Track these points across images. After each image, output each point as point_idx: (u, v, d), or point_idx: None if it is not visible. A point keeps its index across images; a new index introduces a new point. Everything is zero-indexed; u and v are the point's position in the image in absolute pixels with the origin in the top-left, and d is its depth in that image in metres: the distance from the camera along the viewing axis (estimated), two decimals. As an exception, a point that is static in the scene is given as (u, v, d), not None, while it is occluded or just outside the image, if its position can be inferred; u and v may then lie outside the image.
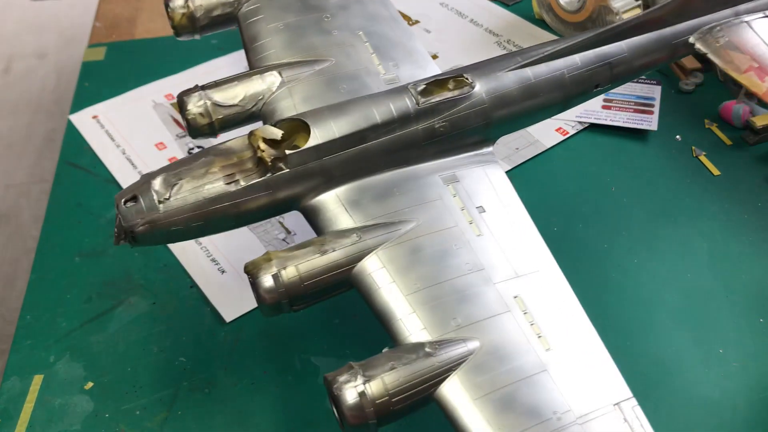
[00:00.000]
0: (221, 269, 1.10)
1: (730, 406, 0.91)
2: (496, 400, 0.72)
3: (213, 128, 0.89)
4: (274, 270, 0.77)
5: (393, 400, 0.71)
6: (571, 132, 1.26)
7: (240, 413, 0.94)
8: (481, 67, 0.91)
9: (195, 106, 0.88)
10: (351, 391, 0.71)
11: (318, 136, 0.82)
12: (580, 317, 0.79)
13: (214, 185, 0.80)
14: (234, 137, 0.85)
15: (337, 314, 1.03)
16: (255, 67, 0.95)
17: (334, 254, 0.79)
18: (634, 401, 0.74)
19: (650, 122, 1.24)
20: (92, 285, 1.09)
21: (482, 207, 0.85)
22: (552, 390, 0.73)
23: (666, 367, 0.95)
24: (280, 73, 0.92)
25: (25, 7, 3.13)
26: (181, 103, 0.89)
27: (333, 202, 0.84)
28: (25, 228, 2.33)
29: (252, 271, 0.78)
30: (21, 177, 2.49)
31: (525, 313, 0.78)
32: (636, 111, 1.26)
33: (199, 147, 1.29)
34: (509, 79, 0.91)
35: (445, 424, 0.73)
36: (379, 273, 0.79)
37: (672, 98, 1.31)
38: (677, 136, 1.24)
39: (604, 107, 1.28)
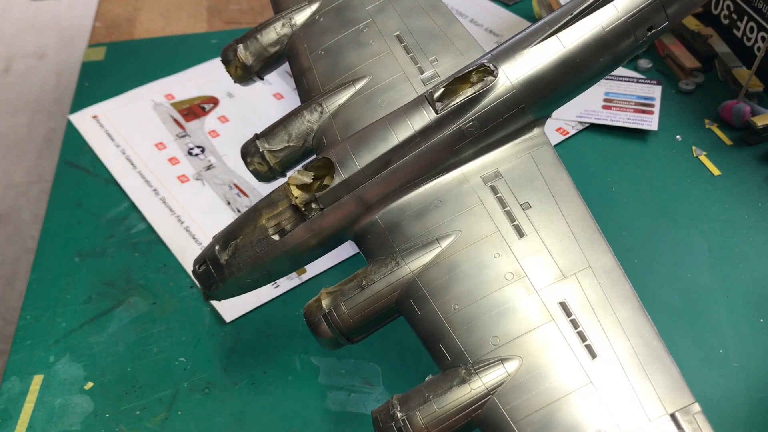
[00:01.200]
0: (221, 269, 1.10)
1: (730, 406, 0.91)
2: (536, 422, 0.69)
3: (275, 172, 0.91)
4: (325, 311, 0.79)
5: (430, 428, 0.71)
6: (572, 132, 1.26)
7: (240, 413, 0.94)
8: (505, 49, 0.85)
9: (253, 157, 0.91)
10: (391, 428, 0.72)
11: (341, 171, 0.82)
12: (634, 314, 0.73)
13: (264, 238, 0.83)
14: (278, 185, 0.87)
15: (337, 314, 1.03)
16: (303, 99, 0.95)
17: (375, 286, 0.78)
18: (696, 407, 0.69)
19: (650, 122, 1.24)
20: (92, 285, 1.09)
21: (527, 203, 0.80)
22: (595, 405, 0.69)
23: (666, 367, 0.95)
24: (320, 104, 0.90)
25: (25, 7, 3.13)
26: (242, 157, 0.92)
27: (375, 228, 0.82)
28: (24, 228, 2.33)
29: (307, 314, 0.80)
30: (21, 177, 2.50)
31: (571, 320, 0.73)
32: (636, 111, 1.26)
33: (198, 147, 1.29)
34: (536, 54, 0.83)
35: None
36: (418, 298, 0.77)
37: (672, 98, 1.30)
38: (677, 136, 1.24)
39: (604, 107, 1.28)
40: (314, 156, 0.89)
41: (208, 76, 1.43)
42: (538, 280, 0.75)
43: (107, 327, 1.04)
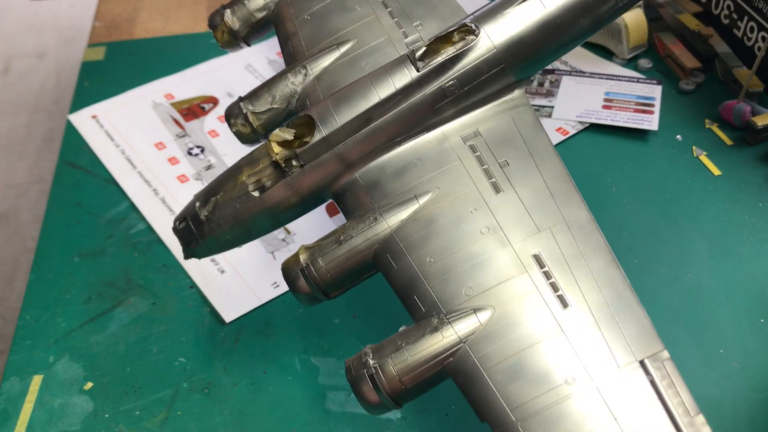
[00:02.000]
0: (221, 269, 1.10)
1: (730, 406, 0.91)
2: (506, 369, 0.70)
3: (258, 134, 0.91)
4: (302, 265, 0.80)
5: (403, 378, 0.72)
6: (572, 132, 1.26)
7: (240, 413, 0.94)
8: (487, 11, 0.86)
9: (236, 119, 0.91)
10: (363, 375, 0.73)
11: (322, 128, 0.82)
12: (606, 266, 0.74)
13: (244, 194, 0.84)
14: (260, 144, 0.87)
15: (337, 314, 1.03)
16: (288, 62, 0.96)
17: (353, 241, 0.79)
18: (665, 354, 0.69)
19: (651, 122, 1.24)
20: (92, 285, 1.09)
21: (506, 161, 0.81)
22: (565, 352, 0.70)
23: (666, 367, 0.95)
24: (305, 67, 0.91)
25: (25, 7, 3.13)
26: (226, 119, 0.92)
27: (355, 186, 0.83)
28: (24, 228, 2.33)
29: (285, 269, 0.81)
30: (20, 177, 2.49)
31: (544, 272, 0.74)
32: (636, 111, 1.26)
33: (198, 147, 1.29)
34: (518, 15, 0.84)
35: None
36: (395, 252, 0.78)
37: (672, 98, 1.30)
38: (678, 136, 1.24)
39: (604, 107, 1.27)
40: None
41: (207, 76, 1.43)
42: (512, 234, 0.77)
43: (107, 327, 1.04)
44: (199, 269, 1.10)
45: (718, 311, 1.00)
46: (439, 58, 0.82)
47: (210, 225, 0.85)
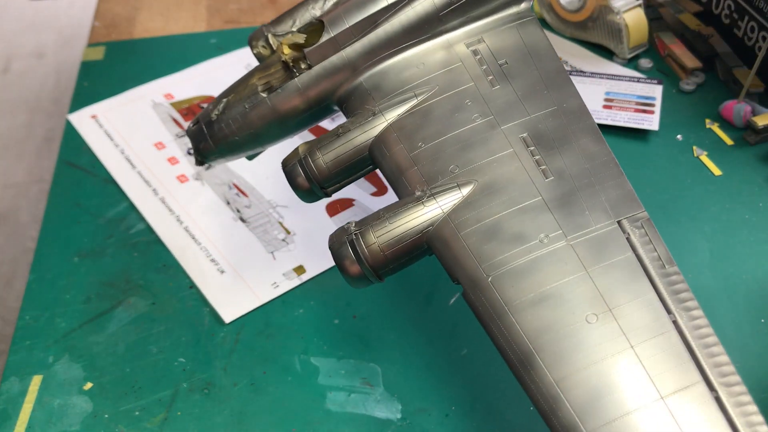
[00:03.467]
0: (220, 269, 1.10)
1: (731, 406, 0.91)
2: (482, 231, 0.72)
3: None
4: (300, 157, 0.82)
5: (384, 248, 0.74)
6: (572, 132, 1.26)
7: (240, 414, 0.94)
8: None
9: (257, 41, 0.93)
10: (344, 244, 0.75)
11: (330, 29, 0.85)
12: (593, 143, 0.77)
13: (253, 95, 0.87)
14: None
15: (337, 314, 1.03)
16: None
17: (350, 134, 0.81)
18: (645, 215, 0.72)
19: (651, 122, 1.24)
20: (91, 285, 1.09)
21: (506, 62, 0.84)
22: (542, 215, 0.72)
23: (667, 367, 0.95)
24: None
25: (24, 7, 3.13)
26: (249, 42, 0.94)
27: (359, 89, 0.85)
28: (23, 228, 2.33)
29: (284, 163, 0.84)
30: (20, 177, 2.49)
31: (530, 150, 0.76)
32: (637, 111, 1.26)
33: (198, 147, 1.29)
34: None
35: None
36: (389, 142, 0.80)
37: (673, 98, 1.30)
38: (678, 136, 1.24)
39: (604, 107, 1.27)
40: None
41: (207, 76, 1.43)
42: (503, 119, 0.79)
43: (106, 327, 1.04)
44: (199, 269, 1.10)
45: (718, 311, 1.00)
46: None
47: (220, 125, 0.88)
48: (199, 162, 0.93)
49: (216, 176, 1.24)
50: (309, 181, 0.82)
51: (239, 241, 1.13)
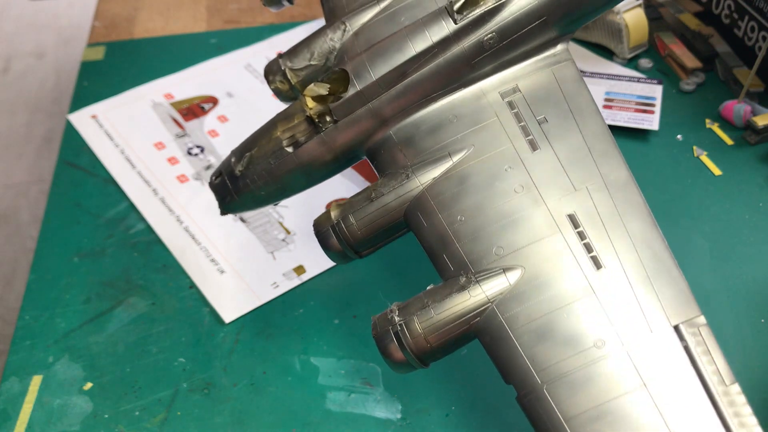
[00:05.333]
0: (220, 269, 1.10)
1: (731, 406, 0.91)
2: (534, 330, 0.68)
3: (296, 90, 0.90)
4: (333, 222, 0.79)
5: (429, 337, 0.71)
6: (572, 132, 1.25)
7: (239, 414, 0.94)
8: None
9: (275, 75, 0.90)
10: (388, 333, 0.72)
11: (356, 82, 0.81)
12: (644, 226, 0.72)
13: (278, 150, 0.83)
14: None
15: (337, 314, 1.03)
16: (328, 19, 0.94)
17: (384, 198, 0.78)
18: (702, 320, 0.67)
19: (651, 122, 1.24)
20: (91, 285, 1.09)
21: (544, 118, 0.78)
22: (597, 315, 0.68)
23: (667, 367, 0.95)
24: (344, 22, 0.88)
25: (24, 7, 3.13)
26: (265, 75, 0.91)
27: (388, 142, 0.81)
28: (23, 228, 2.33)
29: (316, 226, 0.81)
30: (20, 177, 2.49)
31: (578, 232, 0.71)
32: (637, 111, 1.26)
33: (198, 147, 1.29)
34: None
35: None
36: (426, 210, 0.76)
37: (673, 98, 1.30)
38: (678, 136, 1.24)
39: (605, 107, 1.27)
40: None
41: (207, 76, 1.43)
42: (547, 193, 0.74)
43: (106, 327, 1.04)
44: (199, 269, 1.10)
45: (718, 311, 1.00)
46: (478, 10, 0.79)
47: (245, 180, 0.85)
48: (224, 213, 0.91)
49: (216, 176, 1.24)
50: (343, 246, 0.79)
51: (239, 241, 1.13)
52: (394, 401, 0.93)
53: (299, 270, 1.09)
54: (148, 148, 1.29)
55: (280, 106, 1.35)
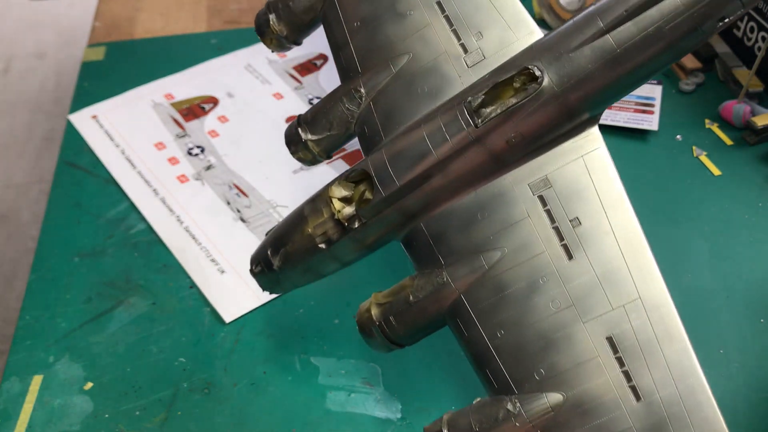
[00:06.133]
0: (221, 269, 1.10)
1: (730, 406, 0.91)
2: None
3: (318, 158, 0.91)
4: (376, 323, 0.80)
5: None
6: (572, 132, 1.26)
7: (240, 414, 0.94)
8: (550, 47, 0.77)
9: (297, 146, 0.90)
10: None
11: (381, 188, 0.80)
12: (681, 355, 0.71)
13: (312, 247, 0.84)
14: (323, 187, 0.85)
15: (337, 314, 1.03)
16: (342, 75, 0.91)
17: (422, 303, 0.78)
18: None
19: (651, 122, 1.24)
20: (92, 285, 1.09)
21: (577, 219, 0.75)
22: None
23: (666, 367, 0.95)
24: (359, 89, 0.86)
25: (25, 7, 3.13)
26: (287, 145, 0.91)
27: (420, 236, 0.81)
28: (24, 228, 2.33)
29: (360, 323, 0.82)
30: (20, 177, 2.49)
31: (617, 357, 0.71)
32: (636, 111, 1.26)
33: (198, 147, 1.29)
34: (585, 57, 0.75)
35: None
36: (465, 319, 0.76)
37: (672, 98, 1.30)
38: (678, 136, 1.24)
39: (604, 107, 1.27)
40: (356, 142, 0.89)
41: (207, 76, 1.43)
42: (584, 311, 0.73)
43: (107, 327, 1.04)
44: (199, 269, 1.10)
45: (717, 311, 1.00)
46: (499, 111, 0.76)
47: (284, 273, 0.87)
48: (266, 291, 0.93)
49: (216, 176, 1.24)
50: (387, 343, 0.81)
51: (239, 241, 1.14)
52: (394, 401, 0.93)
53: (299, 270, 1.09)
54: (148, 149, 1.29)
55: (281, 107, 1.35)
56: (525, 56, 0.78)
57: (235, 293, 1.06)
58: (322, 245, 0.83)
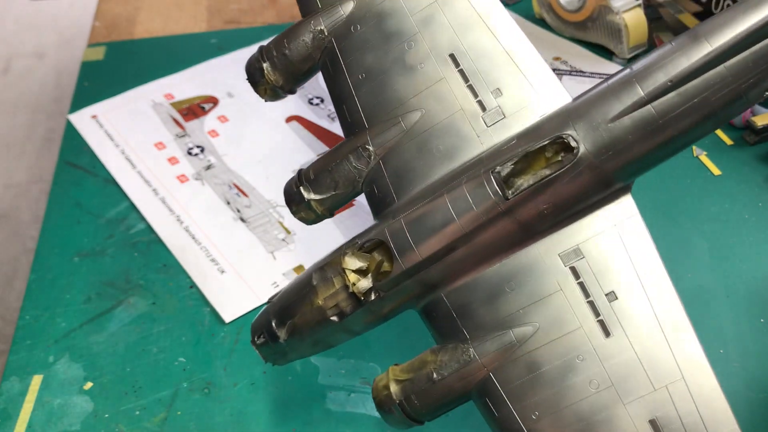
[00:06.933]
0: (221, 269, 1.10)
1: (730, 406, 0.91)
2: None
3: (322, 216, 0.84)
4: (396, 402, 0.74)
5: None
6: (572, 132, 1.25)
7: (240, 413, 0.94)
8: (582, 115, 0.71)
9: (298, 206, 0.84)
10: None
11: (401, 261, 0.73)
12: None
13: (322, 320, 0.78)
14: (330, 253, 0.80)
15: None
16: (346, 129, 0.85)
17: (446, 380, 0.72)
18: None
19: (650, 122, 1.24)
20: (91, 285, 1.09)
21: (613, 293, 0.70)
22: None
23: (667, 367, 0.95)
24: (367, 148, 0.80)
25: (25, 7, 3.13)
26: (287, 204, 0.85)
27: (441, 307, 0.75)
28: (24, 228, 2.33)
29: (378, 402, 0.76)
30: (20, 177, 2.49)
31: None
32: (636, 111, 1.26)
33: (198, 147, 1.29)
34: (625, 127, 0.70)
35: None
36: (495, 398, 0.71)
37: (672, 98, 1.30)
38: (677, 136, 1.24)
39: (604, 107, 1.27)
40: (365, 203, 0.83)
41: (207, 76, 1.43)
42: (625, 392, 0.68)
43: (107, 327, 1.04)
44: (199, 269, 1.10)
45: (717, 311, 1.00)
46: (532, 182, 0.71)
47: (290, 345, 0.80)
48: (268, 362, 0.86)
49: (216, 176, 1.24)
50: (407, 419, 0.75)
51: (239, 241, 1.14)
52: (394, 401, 0.93)
53: (299, 270, 1.09)
54: (148, 148, 1.29)
55: (280, 107, 1.35)
56: (555, 122, 0.73)
57: (235, 293, 1.06)
58: (334, 318, 0.77)
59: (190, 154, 1.28)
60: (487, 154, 0.75)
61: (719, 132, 1.24)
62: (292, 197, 0.83)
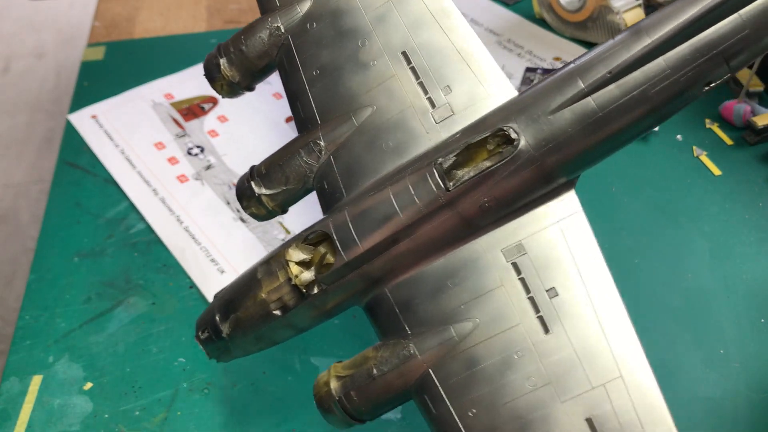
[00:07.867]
0: (220, 269, 1.10)
1: (731, 406, 0.91)
2: None
3: (273, 212, 0.84)
4: (335, 399, 0.74)
5: None
6: (572, 132, 1.25)
7: (239, 414, 0.94)
8: (524, 108, 0.72)
9: (249, 201, 0.83)
10: None
11: (344, 253, 0.73)
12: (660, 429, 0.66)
13: (266, 314, 0.77)
14: (276, 247, 0.80)
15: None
16: (300, 125, 0.85)
17: (386, 376, 0.72)
18: None
19: (651, 122, 1.24)
20: (91, 285, 1.09)
21: (554, 289, 0.70)
22: None
23: (667, 367, 0.95)
24: (318, 142, 0.81)
25: (24, 7, 3.13)
26: (238, 199, 0.85)
27: (385, 303, 0.75)
28: (24, 228, 2.33)
29: (318, 398, 0.76)
30: (20, 177, 2.49)
31: None
32: (636, 111, 1.26)
33: (198, 146, 1.29)
34: (565, 119, 0.71)
35: None
36: (433, 395, 0.71)
37: (672, 98, 1.30)
38: (678, 136, 1.24)
39: (604, 107, 1.27)
40: (315, 195, 0.83)
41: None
42: (563, 390, 0.68)
43: (106, 327, 1.04)
44: (199, 269, 1.10)
45: (718, 311, 1.00)
46: (473, 174, 0.71)
47: (234, 341, 0.80)
48: (212, 359, 0.85)
49: (216, 176, 1.24)
50: (347, 418, 0.74)
51: (239, 241, 1.13)
52: (394, 401, 0.93)
53: (299, 270, 1.09)
54: (148, 148, 1.29)
55: (280, 107, 1.35)
56: (499, 116, 0.73)
57: (234, 293, 1.06)
58: (277, 312, 0.77)
59: (189, 154, 1.28)
60: (433, 149, 0.76)
61: (719, 132, 1.24)
62: (243, 192, 0.84)
